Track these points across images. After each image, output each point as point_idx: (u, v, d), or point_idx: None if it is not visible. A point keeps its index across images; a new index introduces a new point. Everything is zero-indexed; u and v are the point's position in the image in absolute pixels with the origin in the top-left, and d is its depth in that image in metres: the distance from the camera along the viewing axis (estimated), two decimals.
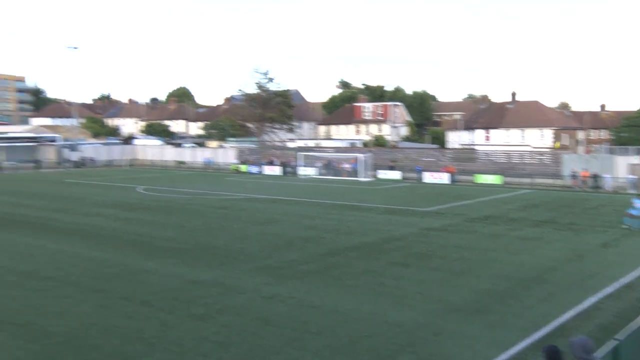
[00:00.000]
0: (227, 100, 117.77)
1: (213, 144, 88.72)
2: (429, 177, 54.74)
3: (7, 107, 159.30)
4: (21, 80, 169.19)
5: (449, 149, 73.20)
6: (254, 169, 67.15)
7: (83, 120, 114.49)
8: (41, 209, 34.49)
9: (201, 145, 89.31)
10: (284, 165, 65.44)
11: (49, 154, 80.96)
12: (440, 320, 13.79)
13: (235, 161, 72.90)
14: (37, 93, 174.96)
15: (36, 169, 73.65)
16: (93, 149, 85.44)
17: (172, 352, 11.78)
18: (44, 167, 75.72)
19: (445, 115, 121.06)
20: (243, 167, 69.15)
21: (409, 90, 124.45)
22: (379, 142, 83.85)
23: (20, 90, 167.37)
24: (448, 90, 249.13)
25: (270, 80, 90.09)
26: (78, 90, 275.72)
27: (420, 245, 23.19)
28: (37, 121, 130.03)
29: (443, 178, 53.77)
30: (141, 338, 12.58)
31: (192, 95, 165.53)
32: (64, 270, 18.79)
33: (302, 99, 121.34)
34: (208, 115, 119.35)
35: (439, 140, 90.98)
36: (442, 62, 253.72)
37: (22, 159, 76.14)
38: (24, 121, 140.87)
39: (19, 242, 23.71)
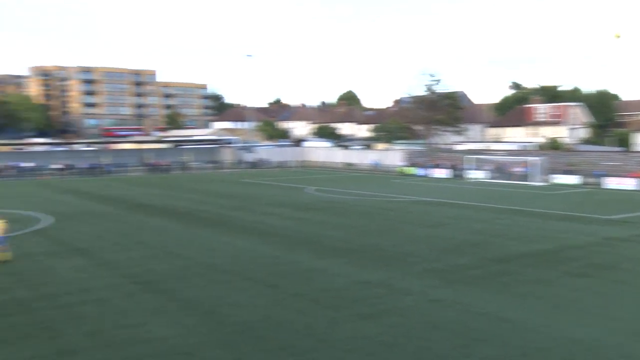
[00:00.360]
0: (396, 102, 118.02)
1: (380, 146, 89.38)
2: (612, 183, 50.43)
3: (193, 113, 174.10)
4: (204, 87, 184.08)
5: (637, 152, 66.86)
6: (421, 172, 66.62)
7: (258, 124, 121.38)
8: (221, 206, 37.10)
9: (369, 147, 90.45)
10: (451, 168, 64.17)
11: (227, 156, 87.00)
12: (628, 342, 12.57)
13: (402, 163, 72.89)
14: (217, 99, 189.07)
15: (216, 169, 79.45)
16: (266, 151, 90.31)
17: (339, 350, 12.01)
18: (223, 167, 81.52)
19: (632, 115, 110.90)
20: (410, 170, 68.92)
21: (588, 90, 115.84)
22: (554, 145, 78.96)
23: (204, 97, 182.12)
24: (635, 88, 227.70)
25: (438, 82, 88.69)
26: (254, 95, 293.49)
27: (602, 255, 21.41)
28: (218, 125, 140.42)
29: (629, 184, 49.22)
30: (310, 334, 12.99)
31: (359, 99, 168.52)
32: (241, 265, 20.02)
33: (469, 101, 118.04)
34: (376, 118, 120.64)
35: (625, 143, 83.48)
36: (625, 57, 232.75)
37: (205, 159, 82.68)
38: (206, 125, 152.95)
39: (203, 237, 25.72)
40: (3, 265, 19.94)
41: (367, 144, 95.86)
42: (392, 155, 77.64)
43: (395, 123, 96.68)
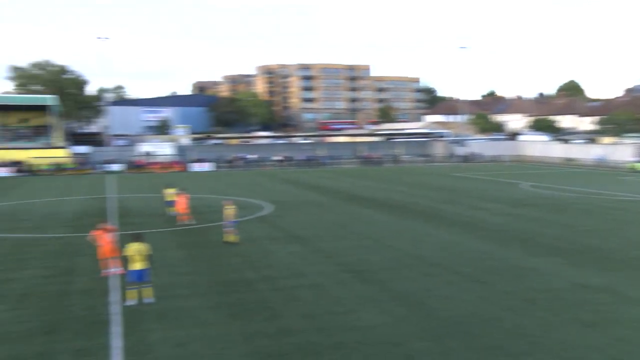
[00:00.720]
0: (627, 91, 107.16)
1: (607, 140, 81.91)
2: None
3: (405, 106, 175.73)
4: (416, 81, 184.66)
5: None
6: None
7: (471, 117, 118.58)
8: (431, 199, 36.92)
9: (592, 141, 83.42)
10: None
11: (438, 149, 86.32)
12: None
13: (633, 159, 66.00)
14: (430, 92, 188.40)
15: (427, 163, 79.26)
16: (479, 145, 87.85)
17: (557, 356, 11.19)
18: (434, 161, 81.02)
19: None
20: None
21: None
22: None
23: (416, 90, 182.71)
24: None
25: None
26: (467, 87, 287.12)
27: None
28: (429, 118, 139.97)
29: None
30: (523, 335, 12.31)
31: (582, 89, 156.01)
32: (449, 259, 19.71)
33: None
34: (601, 109, 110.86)
35: None
36: None
37: (416, 153, 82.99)
38: (418, 118, 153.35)
39: (413, 229, 25.83)
40: (233, 247, 22.00)
41: (590, 137, 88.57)
42: (620, 150, 70.70)
43: (625, 114, 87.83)
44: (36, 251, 21.79)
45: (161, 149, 76.50)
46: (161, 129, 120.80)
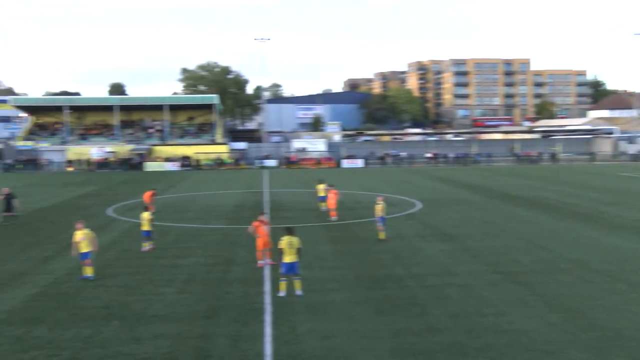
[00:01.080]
0: None
1: None
2: None
3: (566, 101, 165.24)
4: (582, 74, 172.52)
5: None
6: None
7: None
8: (593, 200, 34.44)
9: None
10: None
11: (604, 147, 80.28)
12: None
13: None
14: (596, 85, 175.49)
15: (590, 161, 73.97)
16: None
17: None
18: (598, 159, 75.39)
19: None
20: None
21: None
22: None
23: (580, 84, 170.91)
24: None
25: None
26: None
27: None
28: (594, 114, 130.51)
29: None
30: None
31: None
32: (615, 265, 18.24)
33: None
34: None
35: None
36: None
37: (577, 151, 77.87)
38: (581, 114, 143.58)
39: (571, 231, 24.26)
40: (382, 243, 22.09)
41: None
42: None
43: None
44: (198, 240, 23.45)
45: (313, 145, 78.75)
46: (314, 125, 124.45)
